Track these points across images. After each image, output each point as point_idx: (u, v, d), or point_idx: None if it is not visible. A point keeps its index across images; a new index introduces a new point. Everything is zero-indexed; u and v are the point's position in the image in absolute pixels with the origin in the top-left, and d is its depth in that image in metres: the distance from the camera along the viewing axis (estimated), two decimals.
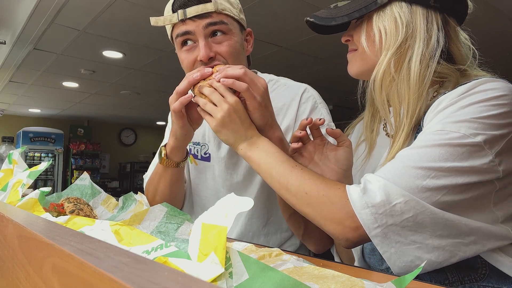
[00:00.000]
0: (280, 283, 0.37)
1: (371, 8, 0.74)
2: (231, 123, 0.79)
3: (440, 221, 0.61)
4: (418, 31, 0.73)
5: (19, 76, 5.14)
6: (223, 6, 1.01)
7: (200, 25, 0.98)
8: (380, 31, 0.74)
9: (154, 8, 3.13)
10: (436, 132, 0.64)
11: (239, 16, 1.07)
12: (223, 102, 0.79)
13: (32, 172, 0.91)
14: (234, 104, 0.79)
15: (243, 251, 0.63)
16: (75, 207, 0.94)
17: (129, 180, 9.20)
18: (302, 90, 1.14)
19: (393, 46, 0.72)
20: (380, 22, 0.74)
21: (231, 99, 0.79)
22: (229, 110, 0.78)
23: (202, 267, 0.39)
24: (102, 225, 0.60)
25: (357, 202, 0.64)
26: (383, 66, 0.73)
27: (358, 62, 0.80)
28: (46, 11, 3.09)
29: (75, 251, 0.28)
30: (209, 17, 0.99)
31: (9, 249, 0.47)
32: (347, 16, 0.75)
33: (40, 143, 8.00)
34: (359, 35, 0.78)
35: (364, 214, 0.63)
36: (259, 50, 4.11)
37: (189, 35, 1.00)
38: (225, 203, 0.44)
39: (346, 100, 0.89)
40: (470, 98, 0.65)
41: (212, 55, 0.98)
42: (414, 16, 0.73)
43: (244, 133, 0.80)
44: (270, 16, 3.30)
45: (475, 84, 0.67)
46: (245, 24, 1.11)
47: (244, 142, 0.81)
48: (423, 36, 0.73)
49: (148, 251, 0.50)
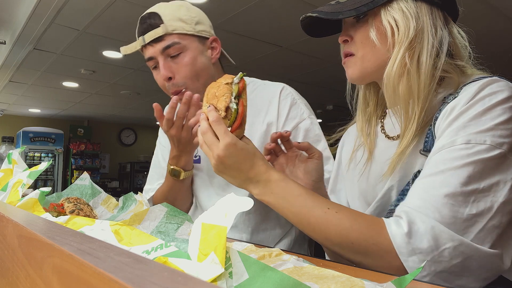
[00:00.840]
0: (280, 283, 0.37)
1: (379, 2, 0.73)
2: (226, 169, 0.74)
3: (487, 264, 0.59)
4: (426, 26, 0.72)
5: (19, 76, 5.14)
6: (174, 26, 1.07)
7: (157, 49, 1.08)
8: (391, 25, 0.73)
9: None
10: (462, 147, 0.62)
11: (196, 30, 1.11)
12: (214, 147, 0.73)
13: (32, 172, 0.91)
14: (224, 150, 0.71)
15: (243, 251, 0.63)
16: (75, 207, 0.94)
17: (129, 180, 9.19)
18: (281, 88, 1.18)
19: (407, 40, 0.72)
20: (390, 16, 0.73)
21: (221, 144, 0.71)
22: (219, 158, 0.72)
23: (202, 267, 0.39)
24: (102, 225, 0.60)
25: (402, 248, 0.60)
26: (399, 59, 0.72)
27: (358, 65, 0.78)
28: (46, 11, 3.09)
29: (75, 251, 0.28)
30: (162, 41, 1.07)
31: (9, 249, 0.47)
32: (355, 10, 0.73)
33: (40, 143, 8.00)
34: (364, 33, 0.76)
35: (411, 261, 0.59)
36: (259, 50, 4.11)
37: (153, 59, 1.10)
38: (225, 203, 0.44)
39: (346, 100, 0.90)
40: (483, 103, 0.64)
41: (171, 75, 1.08)
42: (420, 11, 0.73)
43: (246, 176, 0.73)
44: (270, 16, 3.30)
45: (483, 85, 0.66)
46: (207, 34, 1.15)
47: (250, 185, 0.74)
48: (430, 31, 0.72)
49: (148, 251, 0.50)
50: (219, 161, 0.72)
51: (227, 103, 0.73)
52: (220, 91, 0.74)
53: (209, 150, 0.74)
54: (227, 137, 0.71)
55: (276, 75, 5.00)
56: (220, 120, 0.72)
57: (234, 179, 0.75)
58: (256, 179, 0.73)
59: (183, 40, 1.08)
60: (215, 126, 0.72)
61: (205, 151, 0.75)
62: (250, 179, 0.73)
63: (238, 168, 0.73)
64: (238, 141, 0.72)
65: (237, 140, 0.72)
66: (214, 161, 0.73)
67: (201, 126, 0.74)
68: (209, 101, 0.75)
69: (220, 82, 0.76)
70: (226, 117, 0.73)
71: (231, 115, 0.74)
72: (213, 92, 0.75)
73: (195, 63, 1.09)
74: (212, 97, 0.75)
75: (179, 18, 1.09)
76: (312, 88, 5.57)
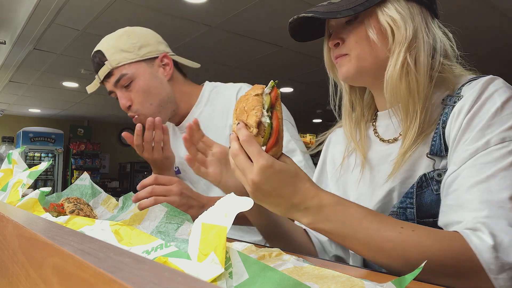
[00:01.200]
0: (280, 283, 0.37)
1: (375, 2, 0.73)
2: (265, 196, 0.63)
3: None
4: (419, 26, 0.73)
5: (19, 76, 5.14)
6: (117, 60, 1.13)
7: (111, 84, 1.16)
8: (390, 25, 0.72)
9: (154, 8, 3.13)
10: (499, 147, 0.62)
11: (140, 55, 1.14)
12: (247, 172, 0.62)
13: (32, 172, 0.91)
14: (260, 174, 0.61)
15: (243, 251, 0.63)
16: (75, 207, 0.94)
17: (129, 180, 9.19)
18: (237, 89, 1.20)
19: (406, 40, 0.71)
20: (387, 16, 0.73)
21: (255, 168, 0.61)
22: (254, 184, 0.61)
23: (202, 267, 0.39)
24: (102, 225, 0.60)
25: (491, 264, 0.54)
26: (400, 60, 0.71)
27: (354, 64, 0.76)
28: (46, 11, 3.09)
29: (75, 251, 0.28)
30: (112, 76, 1.14)
31: (9, 249, 0.47)
32: (352, 9, 0.72)
33: (40, 143, 8.00)
34: (359, 33, 0.75)
35: (502, 280, 0.54)
36: (259, 50, 4.11)
37: (113, 92, 1.18)
38: (225, 202, 0.44)
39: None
40: (493, 100, 0.64)
41: (129, 103, 1.15)
42: (413, 12, 0.73)
43: (290, 202, 0.62)
44: (270, 16, 3.30)
45: (485, 84, 0.67)
46: (154, 54, 1.18)
47: (297, 213, 0.63)
48: (425, 31, 0.73)
49: (148, 251, 0.50)
50: (255, 188, 0.62)
51: (258, 117, 0.62)
52: (249, 105, 0.64)
53: (242, 176, 0.64)
54: (262, 159, 0.61)
55: (276, 75, 5.00)
56: (252, 139, 0.61)
57: (276, 207, 0.64)
58: (303, 206, 0.62)
59: (130, 69, 1.13)
60: (247, 147, 0.61)
61: (238, 177, 0.65)
62: (296, 206, 0.62)
63: (279, 195, 0.62)
64: (275, 161, 0.61)
65: (273, 160, 0.61)
66: (250, 188, 0.63)
67: (231, 148, 0.64)
68: (238, 117, 0.65)
69: (249, 94, 0.66)
70: (259, 134, 0.63)
71: (265, 131, 0.63)
72: (241, 107, 0.65)
73: (147, 88, 1.14)
74: (241, 113, 0.65)
75: (120, 49, 1.13)
76: (312, 88, 5.57)
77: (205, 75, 4.98)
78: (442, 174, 0.68)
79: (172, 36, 3.77)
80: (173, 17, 3.33)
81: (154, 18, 3.32)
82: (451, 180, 0.64)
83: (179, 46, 3.99)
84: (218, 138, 1.18)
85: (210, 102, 1.23)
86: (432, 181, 0.69)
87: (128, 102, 1.14)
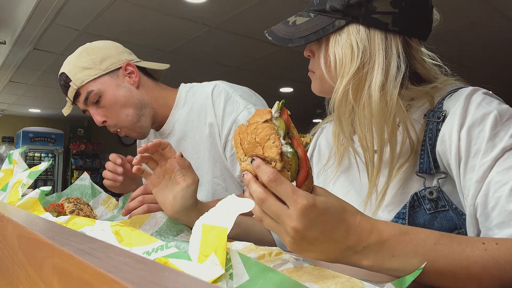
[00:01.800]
0: (281, 284, 0.37)
1: (328, 31, 0.71)
2: (312, 245, 0.50)
3: None
4: (377, 56, 0.69)
5: (19, 76, 5.14)
6: (80, 79, 1.13)
7: (81, 103, 1.16)
8: (335, 57, 0.71)
9: (154, 8, 3.13)
10: None
11: (102, 68, 1.15)
12: (285, 218, 0.49)
13: (32, 172, 0.91)
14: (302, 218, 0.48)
15: (242, 250, 0.63)
16: (75, 207, 0.94)
17: None
18: (212, 88, 1.20)
19: (348, 74, 0.69)
20: (335, 47, 0.71)
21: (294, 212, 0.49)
22: (297, 232, 0.49)
23: (203, 268, 0.39)
24: (102, 225, 0.60)
25: None
26: (339, 94, 0.70)
27: (317, 84, 0.78)
28: (46, 11, 3.09)
29: (75, 251, 0.28)
30: (80, 95, 1.15)
31: (9, 249, 0.47)
32: (304, 38, 0.72)
33: (40, 143, 8.00)
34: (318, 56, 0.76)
35: None
36: (259, 50, 4.11)
37: (86, 111, 1.19)
38: (226, 204, 0.44)
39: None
40: (484, 109, 0.64)
41: (104, 119, 1.16)
42: (372, 41, 0.69)
43: (344, 246, 0.51)
44: (270, 16, 3.30)
45: (468, 96, 0.66)
46: (116, 65, 1.17)
47: (354, 256, 0.51)
48: (381, 62, 0.68)
49: (149, 252, 0.50)
50: (300, 237, 0.49)
51: (279, 148, 0.51)
52: (261, 135, 0.52)
53: (276, 225, 0.52)
54: (300, 198, 0.48)
55: (276, 75, 5.01)
56: (280, 176, 0.50)
57: (327, 254, 0.51)
58: (361, 246, 0.51)
59: (95, 85, 1.13)
60: (275, 187, 0.49)
61: (271, 227, 0.53)
62: (352, 248, 0.51)
63: (330, 239, 0.50)
64: (316, 198, 0.49)
65: (314, 198, 0.49)
66: (291, 238, 0.50)
67: (254, 194, 0.51)
68: (248, 152, 0.53)
69: (255, 121, 0.54)
70: (283, 168, 0.51)
71: (290, 164, 0.52)
72: (251, 139, 0.53)
73: (116, 99, 1.14)
74: (252, 146, 0.52)
75: (82, 67, 1.14)
76: None
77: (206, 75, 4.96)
78: (434, 192, 0.67)
79: (172, 36, 3.77)
80: (173, 17, 3.33)
81: (154, 18, 3.32)
82: (483, 200, 0.60)
83: (179, 46, 3.99)
84: (197, 137, 1.19)
85: (187, 103, 1.23)
86: (424, 199, 0.68)
87: (103, 118, 1.15)
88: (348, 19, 0.70)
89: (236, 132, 0.55)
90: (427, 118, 0.71)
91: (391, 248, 0.50)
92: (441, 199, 0.67)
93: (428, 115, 0.70)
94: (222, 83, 1.21)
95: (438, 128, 0.68)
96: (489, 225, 0.59)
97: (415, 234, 0.51)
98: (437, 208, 0.67)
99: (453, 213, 0.66)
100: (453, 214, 0.66)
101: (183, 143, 1.23)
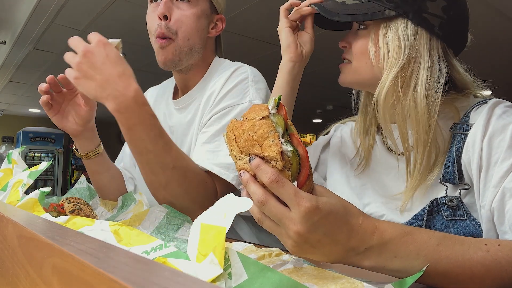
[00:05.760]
0: (279, 284, 0.37)
1: (377, 17, 0.71)
2: (315, 248, 0.49)
3: None
4: (422, 56, 0.69)
5: (19, 76, 5.14)
6: None
7: None
8: (386, 47, 0.71)
9: None
10: None
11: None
12: (287, 222, 0.48)
13: (32, 172, 0.91)
14: (305, 221, 0.47)
15: (243, 251, 0.63)
16: (75, 207, 0.94)
17: None
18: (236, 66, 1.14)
19: (395, 66, 0.69)
20: (385, 37, 0.71)
21: (296, 215, 0.47)
22: (300, 236, 0.48)
23: (201, 268, 0.39)
24: (101, 225, 0.60)
25: None
26: (387, 86, 0.69)
27: (351, 74, 0.78)
28: (46, 11, 3.08)
29: (75, 251, 0.28)
30: None
31: (9, 249, 0.47)
32: (351, 16, 0.71)
33: (40, 143, 7.99)
34: (362, 46, 0.75)
35: None
36: (259, 50, 4.10)
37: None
38: (224, 203, 0.44)
39: (346, 100, 0.89)
40: (504, 119, 0.65)
41: (167, 14, 1.03)
42: (419, 39, 0.70)
43: (346, 247, 0.50)
44: (270, 16, 3.30)
45: (491, 107, 0.67)
46: (219, 8, 1.13)
47: (355, 257, 0.51)
48: (427, 62, 0.69)
49: (148, 251, 0.50)
50: (303, 240, 0.48)
51: (279, 146, 0.48)
52: (259, 132, 0.49)
53: (278, 227, 0.50)
54: (303, 200, 0.47)
55: (276, 75, 4.99)
56: (281, 177, 0.47)
57: (329, 256, 0.51)
58: (363, 247, 0.50)
59: None
60: (277, 188, 0.47)
61: (272, 230, 0.51)
62: (354, 249, 0.50)
63: (333, 241, 0.49)
64: (319, 200, 0.48)
65: (317, 199, 0.48)
66: (293, 242, 0.49)
67: (254, 195, 0.49)
68: (245, 150, 0.50)
69: (251, 118, 0.50)
70: (284, 167, 0.49)
71: (291, 163, 0.49)
72: (247, 137, 0.49)
73: (196, 20, 1.06)
74: (250, 144, 0.49)
75: None
76: (312, 88, 5.57)
77: None
78: (454, 200, 0.67)
79: None
80: None
81: None
82: (499, 204, 0.60)
83: None
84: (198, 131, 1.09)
85: (209, 84, 1.13)
86: (443, 206, 0.68)
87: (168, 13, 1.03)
88: (399, 11, 0.70)
89: (229, 128, 0.52)
90: (453, 131, 0.71)
91: (393, 249, 0.50)
92: (460, 208, 0.67)
93: (455, 128, 0.71)
94: (250, 68, 1.14)
95: (465, 140, 0.69)
96: (504, 229, 0.60)
97: (418, 235, 0.51)
98: (455, 216, 0.67)
99: (471, 223, 0.66)
100: (470, 224, 0.66)
101: (189, 129, 1.14)
